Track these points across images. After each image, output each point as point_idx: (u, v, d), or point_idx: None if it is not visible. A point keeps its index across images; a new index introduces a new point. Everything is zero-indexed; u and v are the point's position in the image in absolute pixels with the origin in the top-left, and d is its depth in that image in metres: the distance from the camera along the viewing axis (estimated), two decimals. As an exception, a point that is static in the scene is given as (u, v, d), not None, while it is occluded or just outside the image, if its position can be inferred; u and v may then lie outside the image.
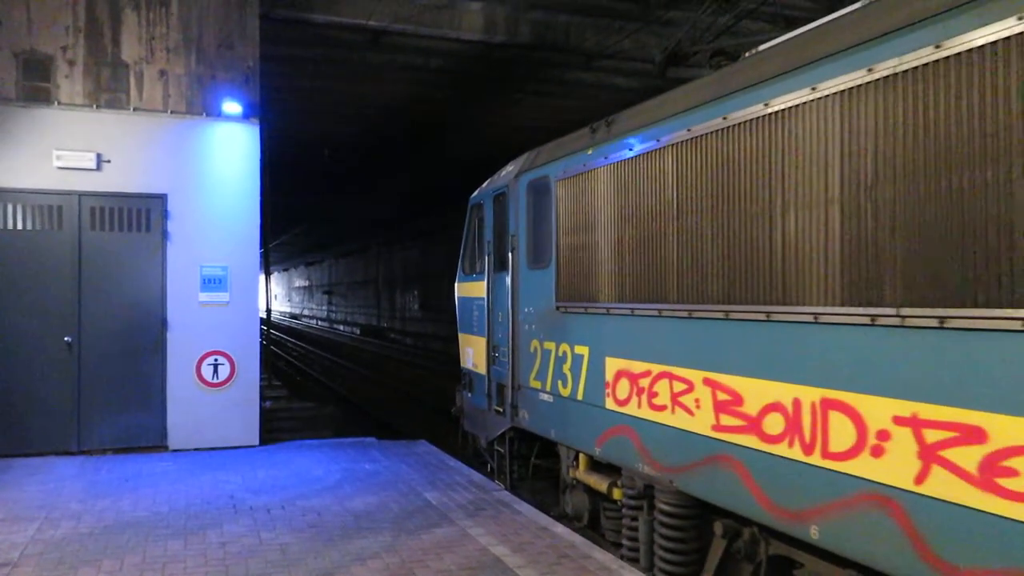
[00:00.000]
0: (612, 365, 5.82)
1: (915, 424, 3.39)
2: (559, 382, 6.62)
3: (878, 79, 3.56)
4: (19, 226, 8.62)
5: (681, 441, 4.99)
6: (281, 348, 35.87)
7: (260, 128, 9.48)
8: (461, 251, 9.16)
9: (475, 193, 8.82)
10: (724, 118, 4.56)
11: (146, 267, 9.01)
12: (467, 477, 7.91)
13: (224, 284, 9.24)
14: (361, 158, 21.07)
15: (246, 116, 9.35)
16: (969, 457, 3.16)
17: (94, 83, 8.88)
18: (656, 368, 5.27)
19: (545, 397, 6.89)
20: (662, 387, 5.21)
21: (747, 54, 5.05)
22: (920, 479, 3.36)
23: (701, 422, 4.79)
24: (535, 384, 7.06)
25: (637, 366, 5.49)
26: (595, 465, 6.39)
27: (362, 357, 30.50)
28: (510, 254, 7.56)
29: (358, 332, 46.22)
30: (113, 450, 8.88)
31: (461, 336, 9.25)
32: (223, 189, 9.26)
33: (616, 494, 5.95)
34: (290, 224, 41.06)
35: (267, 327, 23.38)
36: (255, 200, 9.42)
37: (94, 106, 8.86)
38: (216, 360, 9.19)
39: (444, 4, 10.60)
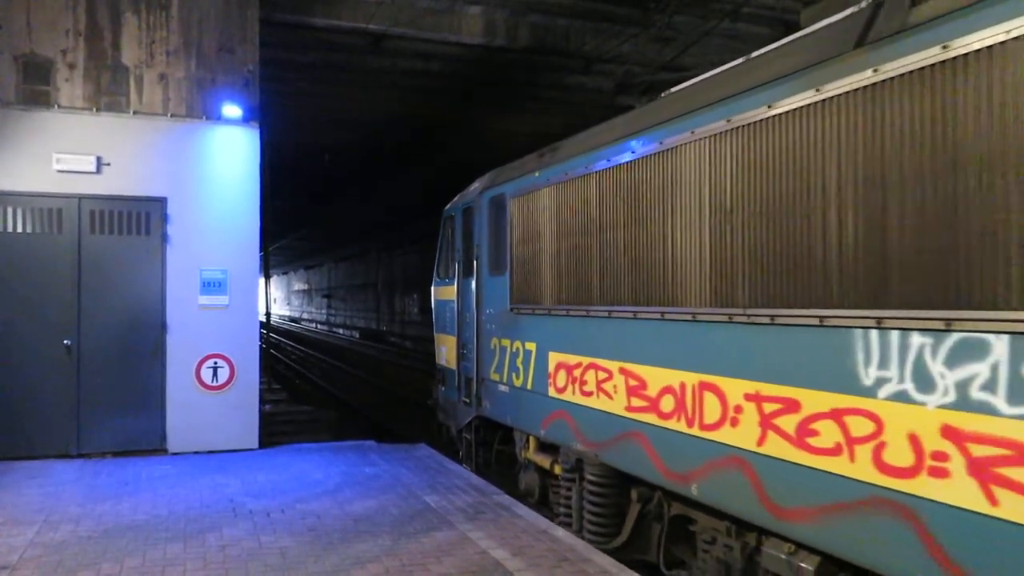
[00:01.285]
0: (553, 358, 6.77)
1: (758, 399, 4.37)
2: (513, 374, 7.56)
3: (734, 128, 4.56)
4: (19, 229, 8.62)
5: (603, 421, 5.94)
6: (280, 352, 35.85)
7: (260, 132, 9.49)
8: (436, 258, 10.15)
9: (448, 206, 9.73)
10: (632, 152, 5.58)
11: (146, 270, 9.01)
12: (467, 480, 7.90)
13: (224, 287, 9.24)
14: (361, 162, 21.09)
15: (246, 120, 9.36)
16: (790, 422, 4.15)
17: (94, 86, 8.89)
18: (586, 360, 6.24)
19: (503, 388, 7.84)
20: (590, 376, 6.15)
21: (663, 94, 5.98)
22: (760, 441, 4.34)
23: (618, 404, 5.75)
24: (495, 377, 8.02)
25: (572, 359, 6.46)
26: (542, 446, 7.32)
27: (361, 360, 30.47)
28: (475, 262, 8.54)
29: (357, 336, 46.20)
30: (112, 453, 8.87)
31: (436, 335, 10.29)
32: (223, 193, 9.27)
33: (557, 470, 6.84)
34: (290, 228, 41.08)
35: (266, 330, 23.38)
36: (255, 203, 9.42)
37: (94, 109, 8.87)
38: (215, 363, 9.18)
39: (444, 8, 10.61)
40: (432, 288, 10.38)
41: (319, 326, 60.27)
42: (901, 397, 3.54)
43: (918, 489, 3.44)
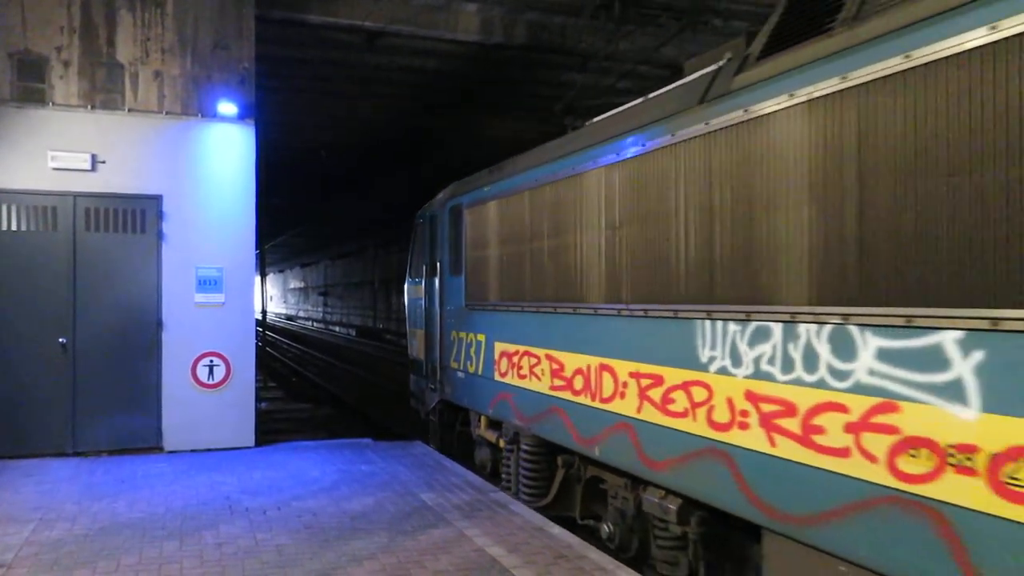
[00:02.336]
0: (498, 347, 7.82)
1: (637, 376, 5.46)
2: (468, 362, 8.65)
3: (622, 160, 5.65)
4: (13, 227, 8.60)
5: (534, 399, 7.01)
6: (277, 349, 35.82)
7: (256, 129, 9.47)
8: (408, 260, 11.28)
9: (419, 212, 10.74)
10: (554, 174, 6.65)
11: (141, 268, 8.99)
12: (463, 478, 7.91)
13: (219, 285, 9.23)
14: (357, 159, 21.07)
15: (241, 117, 9.34)
16: (657, 393, 5.23)
17: (89, 84, 8.86)
18: (522, 348, 7.31)
19: (460, 375, 8.92)
20: (525, 362, 7.23)
21: (588, 122, 6.92)
22: (639, 409, 5.43)
23: (544, 384, 6.81)
24: (454, 365, 9.12)
25: (512, 347, 7.51)
26: (491, 424, 8.34)
27: (358, 358, 30.46)
28: (438, 264, 9.64)
29: (354, 333, 46.17)
30: (108, 451, 8.86)
31: (408, 330, 11.55)
32: (218, 190, 9.25)
33: (501, 443, 7.95)
34: (286, 225, 41.02)
35: (263, 328, 23.34)
36: (250, 201, 9.41)
37: (89, 107, 8.85)
38: (211, 361, 9.17)
39: (440, 5, 10.60)
40: (405, 287, 11.66)
41: (315, 324, 60.21)
42: (723, 371, 4.65)
43: (732, 439, 4.56)
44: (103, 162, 8.85)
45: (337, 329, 51.58)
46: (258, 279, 18.04)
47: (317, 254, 58.29)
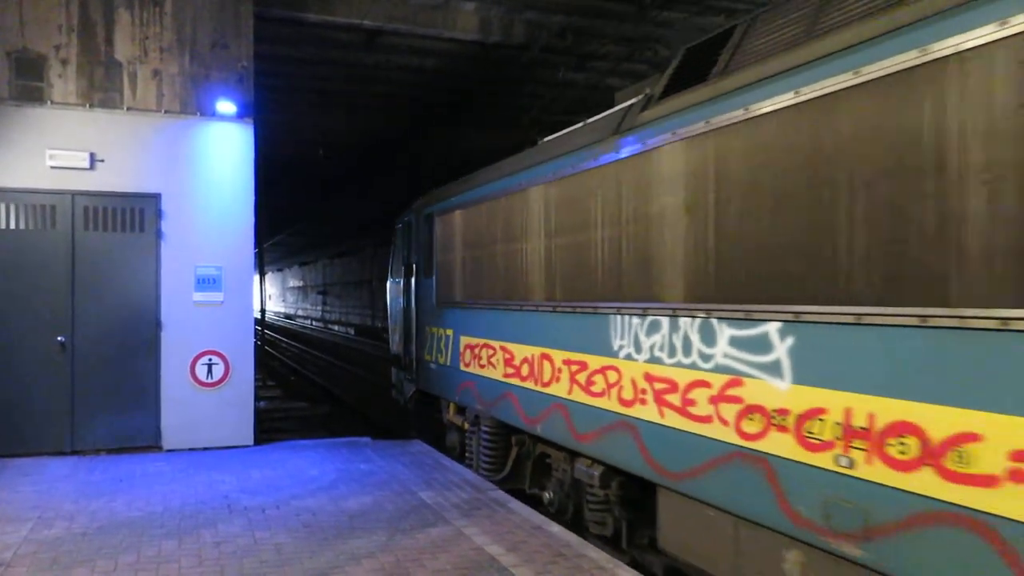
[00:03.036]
0: (463, 341, 8.73)
1: (568, 363, 6.35)
2: (439, 355, 9.57)
3: (556, 179, 6.63)
4: (12, 226, 8.60)
5: (491, 386, 7.93)
6: (275, 348, 35.79)
7: (254, 128, 9.47)
8: (390, 262, 12.34)
9: (398, 219, 11.78)
10: (506, 188, 7.66)
11: (140, 267, 8.99)
12: (462, 476, 7.92)
13: (218, 284, 9.23)
14: (356, 158, 21.05)
15: (240, 116, 9.34)
16: (583, 377, 6.14)
17: (87, 82, 8.86)
18: (481, 341, 8.22)
19: (433, 366, 9.79)
20: (484, 352, 8.14)
21: (540, 141, 7.78)
22: (570, 392, 6.32)
23: (499, 373, 7.74)
24: (427, 357, 10.05)
25: (474, 340, 8.42)
26: (458, 410, 9.17)
27: (357, 357, 30.44)
28: (414, 265, 10.65)
29: (353, 332, 46.14)
30: (107, 450, 8.86)
31: (389, 326, 12.63)
32: (217, 189, 9.25)
33: (465, 426, 8.84)
34: (285, 224, 40.98)
35: (261, 327, 23.31)
36: (249, 200, 9.40)
37: (87, 105, 8.84)
38: (210, 360, 9.17)
39: (438, 4, 10.59)
40: (387, 286, 12.73)
41: (314, 323, 60.16)
42: (628, 356, 5.58)
43: (635, 412, 5.49)
44: (102, 161, 8.84)
45: (336, 328, 51.54)
46: (257, 278, 18.03)
47: (316, 253, 58.22)
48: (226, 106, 9.23)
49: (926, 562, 3.34)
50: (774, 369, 4.23)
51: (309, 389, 20.73)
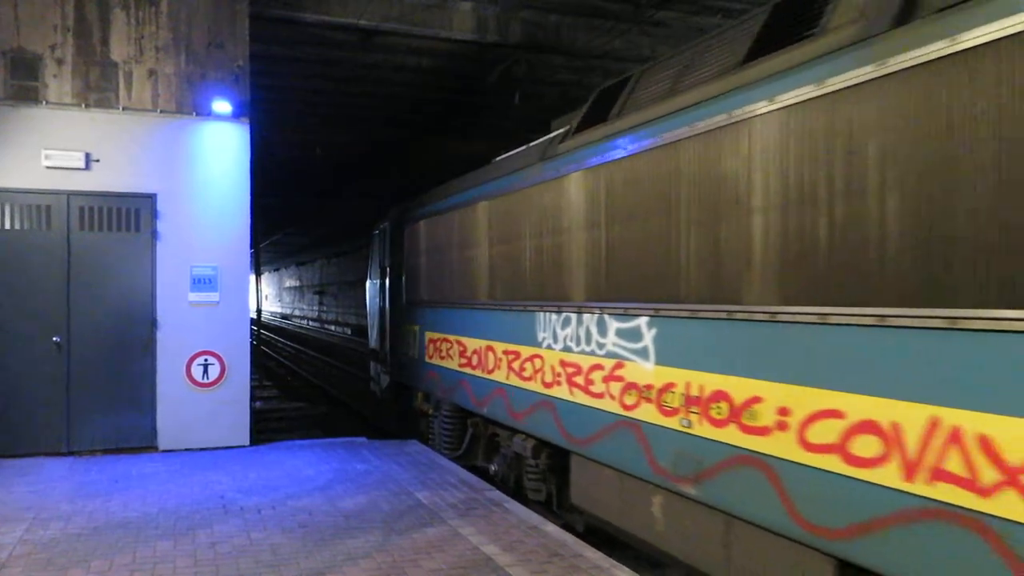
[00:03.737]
0: (427, 336, 9.82)
1: (506, 353, 7.46)
2: (408, 349, 10.69)
3: (498, 197, 7.71)
4: (7, 226, 8.58)
5: (450, 374, 9.01)
6: (272, 348, 35.76)
7: (250, 128, 9.45)
8: (369, 264, 13.59)
9: (375, 226, 13.05)
10: (460, 203, 8.74)
11: (135, 267, 8.98)
12: (458, 476, 7.92)
13: (214, 284, 9.22)
14: (353, 158, 21.03)
15: (236, 115, 9.32)
16: (516, 364, 7.24)
17: (83, 82, 8.84)
18: (441, 336, 9.30)
19: (404, 359, 10.96)
20: (444, 346, 9.22)
21: (495, 159, 8.93)
22: (508, 377, 7.43)
23: (455, 363, 8.81)
24: (399, 351, 11.26)
25: (436, 335, 9.50)
26: (425, 397, 10.23)
27: (353, 357, 30.43)
28: (388, 268, 11.87)
29: (349, 332, 46.11)
30: (102, 451, 8.84)
31: (368, 323, 13.81)
32: (213, 189, 9.24)
33: (429, 411, 9.96)
34: (281, 224, 40.92)
35: (257, 327, 23.28)
36: (245, 200, 9.39)
37: (83, 105, 8.83)
38: (206, 360, 9.16)
39: (435, 3, 10.59)
40: (366, 285, 13.86)
41: (311, 323, 60.11)
42: (549, 346, 6.66)
43: (553, 393, 6.57)
44: (97, 161, 8.83)
45: (332, 328, 51.51)
46: (253, 278, 18.02)
47: (313, 253, 58.18)
48: (222, 106, 9.22)
49: (730, 493, 4.56)
50: (644, 354, 5.40)
51: (305, 389, 20.70)
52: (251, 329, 10.28)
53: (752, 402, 4.39)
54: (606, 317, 5.79)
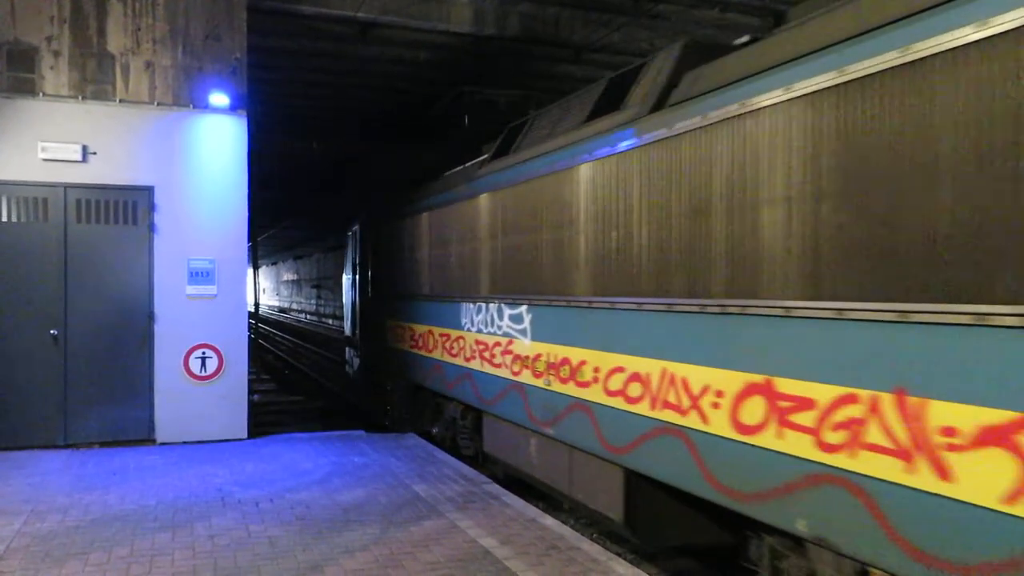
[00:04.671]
0: (388, 323, 11.53)
1: (444, 336, 8.93)
2: (375, 335, 12.40)
3: (444, 206, 9.24)
4: (4, 218, 8.55)
5: (403, 355, 10.64)
6: (269, 342, 35.75)
7: (248, 120, 9.43)
8: (345, 260, 15.28)
9: (349, 226, 14.72)
10: (415, 210, 10.23)
11: (133, 260, 8.96)
12: (456, 470, 7.92)
13: (211, 277, 9.20)
14: (351, 151, 20.98)
15: (233, 108, 9.30)
16: (450, 345, 8.79)
17: (79, 74, 8.81)
18: (398, 323, 11.00)
19: (371, 344, 12.69)
20: (400, 332, 10.93)
21: (445, 174, 10.23)
22: (443, 355, 8.98)
23: (407, 345, 10.46)
24: (368, 337, 12.96)
25: (394, 323, 11.20)
26: (387, 375, 11.72)
27: (351, 351, 30.40)
28: (359, 264, 13.49)
29: (347, 326, 45.98)
30: (100, 443, 8.84)
31: (344, 314, 15.51)
32: (210, 182, 9.22)
33: (390, 387, 11.59)
34: (279, 217, 40.84)
35: (255, 321, 23.26)
36: (243, 193, 9.37)
37: (80, 97, 8.79)
38: (204, 353, 9.15)
39: (433, -4, 10.56)
40: (343, 279, 15.66)
41: (308, 316, 60.07)
42: (468, 329, 8.31)
43: (471, 366, 8.23)
44: (94, 153, 8.80)
45: (330, 322, 51.47)
46: (251, 271, 18.06)
47: (310, 246, 58.10)
48: (219, 98, 9.19)
49: (570, 430, 6.32)
50: (525, 333, 7.11)
51: (303, 382, 20.70)
52: (248, 322, 10.27)
53: (581, 364, 6.19)
54: (502, 306, 7.57)
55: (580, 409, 6.13)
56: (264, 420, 12.66)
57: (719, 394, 4.66)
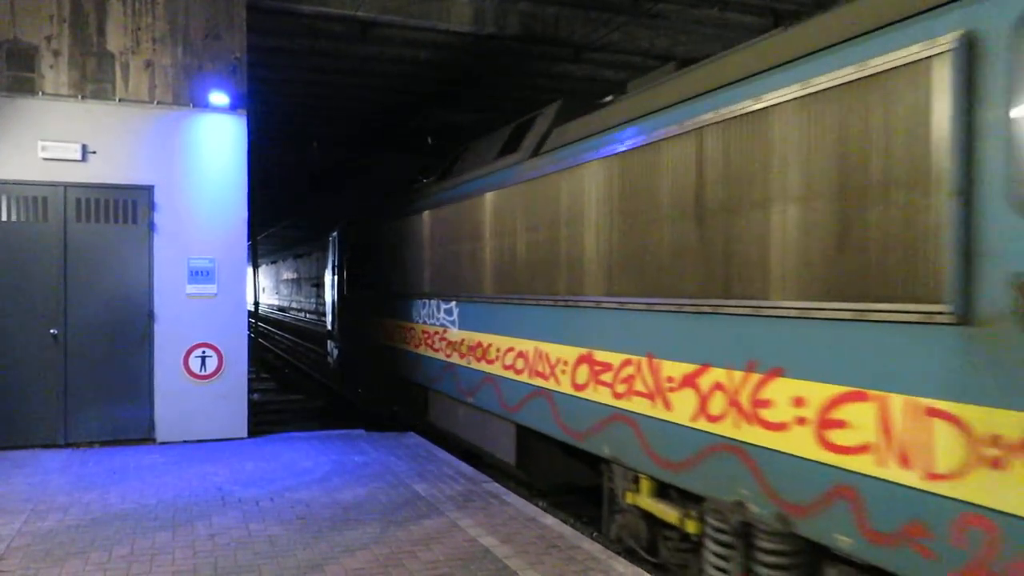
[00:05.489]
0: (362, 318, 13.26)
1: (400, 327, 11.03)
2: (349, 327, 14.51)
3: (402, 219, 11.02)
4: (3, 218, 8.55)
5: (391, 351, 11.52)
6: (269, 341, 35.73)
7: (247, 119, 9.43)
8: (326, 262, 17.35)
9: (330, 232, 16.52)
10: (371, 221, 12.61)
11: (133, 259, 8.96)
12: (456, 469, 7.93)
13: (211, 276, 9.21)
14: (350, 150, 20.97)
15: (233, 107, 9.30)
16: (406, 334, 10.77)
17: (79, 73, 8.80)
18: (377, 320, 12.31)
19: (347, 335, 14.71)
20: (368, 323, 12.86)
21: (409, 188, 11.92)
22: (402, 343, 10.90)
23: (382, 337, 11.92)
24: (344, 329, 15.01)
25: (373, 320, 12.56)
26: (362, 363, 13.66)
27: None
28: (337, 266, 15.52)
29: (347, 325, 45.98)
30: (100, 443, 8.84)
31: (327, 310, 17.61)
32: (210, 181, 9.22)
33: (367, 375, 13.35)
34: (279, 216, 40.84)
35: (255, 320, 23.24)
36: (243, 192, 9.37)
37: (79, 96, 8.79)
38: (204, 352, 9.16)
39: (432, -5, 10.56)
40: (325, 280, 17.83)
41: (308, 315, 60.04)
42: (420, 322, 9.99)
43: (420, 351, 9.99)
44: (94, 152, 8.80)
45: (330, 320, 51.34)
46: (250, 270, 18.25)
47: (310, 245, 58.08)
48: (219, 97, 9.18)
49: (484, 398, 7.96)
50: (455, 323, 8.80)
51: (303, 381, 20.70)
52: (248, 321, 10.28)
53: (489, 346, 7.89)
54: (440, 302, 9.31)
55: (489, 381, 7.89)
56: (264, 419, 12.66)
57: (564, 363, 6.45)
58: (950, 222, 3.30)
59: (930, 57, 3.41)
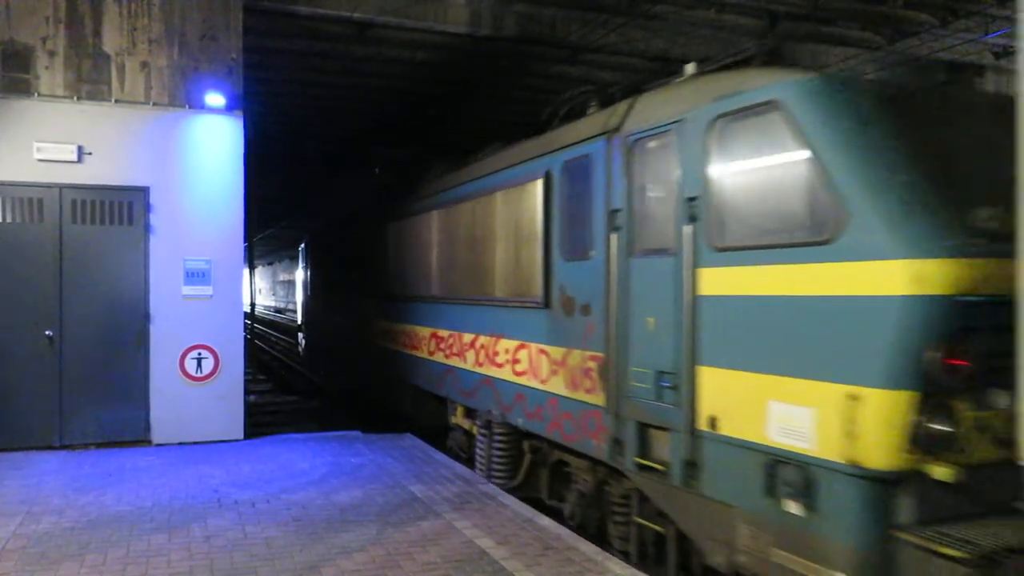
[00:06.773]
0: (321, 316, 17.46)
1: (369, 323, 13.24)
2: (313, 321, 18.52)
3: (344, 231, 15.27)
4: (-1, 219, 8.53)
5: (350, 339, 14.16)
6: (265, 342, 35.68)
7: (244, 120, 9.41)
8: (297, 267, 20.74)
9: (302, 241, 20.18)
10: (330, 231, 16.63)
11: (128, 260, 8.94)
12: (452, 470, 7.92)
13: (207, 277, 9.19)
14: (346, 151, 20.96)
15: (229, 108, 9.28)
16: (356, 329, 14.23)
17: (75, 74, 8.79)
18: (336, 318, 15.14)
19: (311, 327, 18.61)
20: (325, 318, 16.66)
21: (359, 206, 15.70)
22: (356, 336, 14.27)
23: (338, 331, 15.39)
24: (308, 322, 18.70)
25: (334, 318, 15.50)
26: (322, 351, 16.91)
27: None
28: (302, 270, 19.27)
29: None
30: (96, 445, 8.82)
31: (298, 308, 21.78)
32: (206, 182, 9.20)
33: (329, 362, 17.15)
34: (275, 218, 40.77)
35: (251, 321, 23.23)
36: (239, 193, 9.36)
37: (75, 98, 8.77)
38: (200, 354, 9.14)
39: (429, -4, 10.55)
40: (296, 283, 21.42)
41: (305, 316, 59.86)
42: (354, 316, 14.09)
43: (359, 337, 13.81)
44: (89, 153, 8.78)
45: (326, 322, 51.27)
46: (247, 271, 18.45)
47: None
48: (215, 98, 9.17)
49: (392, 367, 11.46)
50: (374, 315, 12.18)
51: (299, 382, 20.67)
52: (244, 323, 10.27)
53: (392, 329, 11.03)
54: (366, 299, 12.54)
55: (394, 354, 11.15)
56: (260, 420, 12.64)
57: (426, 339, 9.74)
58: (541, 260, 6.83)
59: (536, 180, 7.00)
